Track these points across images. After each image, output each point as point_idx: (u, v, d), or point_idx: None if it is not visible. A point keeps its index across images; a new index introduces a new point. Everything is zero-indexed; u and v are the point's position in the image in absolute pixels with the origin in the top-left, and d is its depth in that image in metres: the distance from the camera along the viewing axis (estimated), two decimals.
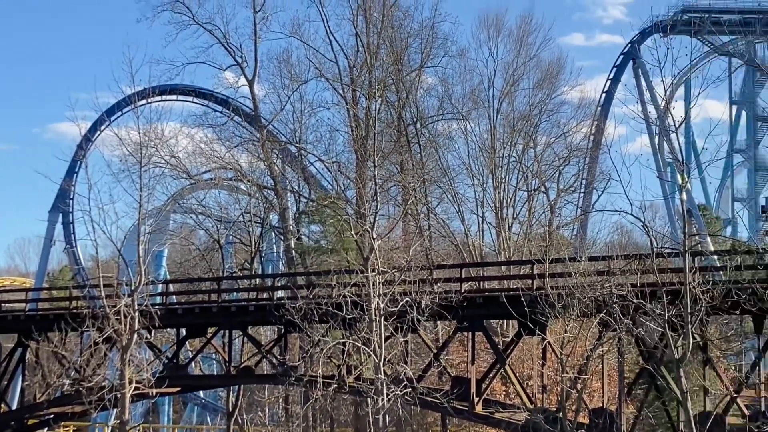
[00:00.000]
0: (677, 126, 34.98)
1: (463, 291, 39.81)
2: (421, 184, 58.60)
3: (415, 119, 61.91)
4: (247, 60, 64.28)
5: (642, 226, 34.85)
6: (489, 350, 44.28)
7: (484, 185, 60.48)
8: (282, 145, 64.61)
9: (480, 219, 60.37)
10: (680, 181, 35.41)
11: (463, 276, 41.96)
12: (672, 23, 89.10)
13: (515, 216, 61.02)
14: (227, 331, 46.55)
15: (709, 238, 69.93)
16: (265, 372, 50.92)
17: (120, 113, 76.86)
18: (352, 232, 42.61)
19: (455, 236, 60.13)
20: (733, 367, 54.38)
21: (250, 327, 48.33)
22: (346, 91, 61.33)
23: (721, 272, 36.06)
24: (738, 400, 34.78)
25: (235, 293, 49.95)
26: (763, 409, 35.46)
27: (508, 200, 60.39)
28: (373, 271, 36.60)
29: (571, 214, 67.08)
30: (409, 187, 56.21)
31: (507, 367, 40.15)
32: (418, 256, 49.08)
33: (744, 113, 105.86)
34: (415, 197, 56.72)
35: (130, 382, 40.67)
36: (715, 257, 43.44)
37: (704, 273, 34.16)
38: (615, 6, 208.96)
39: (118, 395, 40.65)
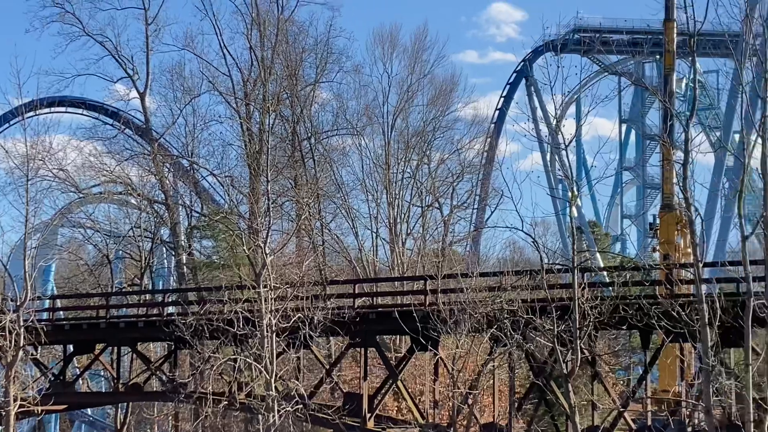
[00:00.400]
0: (567, 143, 35.44)
1: (356, 307, 39.70)
2: (315, 199, 58.41)
3: (309, 134, 61.76)
4: (138, 72, 63.49)
5: (532, 242, 35.18)
6: (382, 366, 44.21)
7: (379, 201, 60.67)
8: (174, 158, 63.83)
9: (374, 235, 60.56)
10: (570, 198, 35.79)
11: (357, 292, 41.83)
12: (564, 42, 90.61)
13: (409, 232, 61.31)
14: (116, 348, 45.73)
15: (598, 255, 71.11)
16: (155, 389, 50.08)
17: (7, 125, 75.21)
18: (245, 248, 42.22)
19: (349, 252, 60.12)
20: (621, 382, 55.29)
21: (139, 343, 47.56)
22: (240, 105, 60.88)
23: (610, 288, 36.58)
24: (625, 414, 35.26)
25: (124, 309, 49.10)
26: (649, 423, 36.00)
27: (402, 216, 60.64)
28: (265, 286, 36.24)
29: (464, 230, 67.68)
30: (303, 202, 56.00)
31: (399, 382, 40.12)
32: (311, 271, 48.88)
33: (633, 132, 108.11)
34: (309, 212, 56.51)
35: (15, 400, 39.67)
36: (605, 273, 44.04)
37: (593, 289, 34.56)
38: (508, 24, 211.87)
39: (3, 413, 39.62)
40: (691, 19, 28.45)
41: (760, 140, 27.64)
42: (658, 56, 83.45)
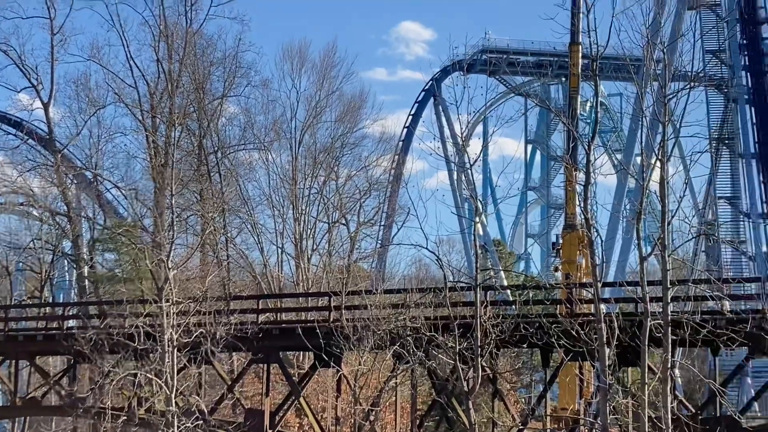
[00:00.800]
0: (472, 163, 35.74)
1: (259, 323, 39.57)
2: (220, 213, 58.02)
3: (216, 148, 61.28)
4: (42, 82, 62.45)
5: (436, 260, 35.39)
6: (285, 382, 44.05)
7: (285, 216, 60.47)
8: (77, 170, 62.90)
9: (279, 250, 60.28)
10: (475, 217, 36.11)
11: (260, 308, 41.73)
12: (472, 62, 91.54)
13: (315, 248, 61.15)
14: (14, 361, 44.85)
15: (502, 273, 71.79)
16: (53, 403, 49.22)
17: None
18: (147, 262, 41.74)
19: (254, 267, 59.76)
20: (522, 399, 55.77)
21: (38, 357, 46.72)
22: (146, 118, 60.21)
23: (513, 306, 36.94)
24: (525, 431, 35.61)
25: (23, 322, 48.17)
26: None
27: (309, 232, 60.48)
28: (167, 301, 35.89)
29: (370, 247, 67.69)
30: (208, 216, 55.57)
31: (302, 399, 40.03)
32: (215, 286, 48.49)
33: (538, 152, 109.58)
34: (214, 227, 56.09)
35: None
36: (509, 292, 44.45)
37: (495, 307, 34.88)
38: (417, 43, 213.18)
39: None
40: (594, 43, 28.93)
41: (659, 163, 28.16)
42: (563, 78, 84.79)
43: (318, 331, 36.52)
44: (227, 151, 62.25)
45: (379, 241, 71.42)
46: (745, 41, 69.35)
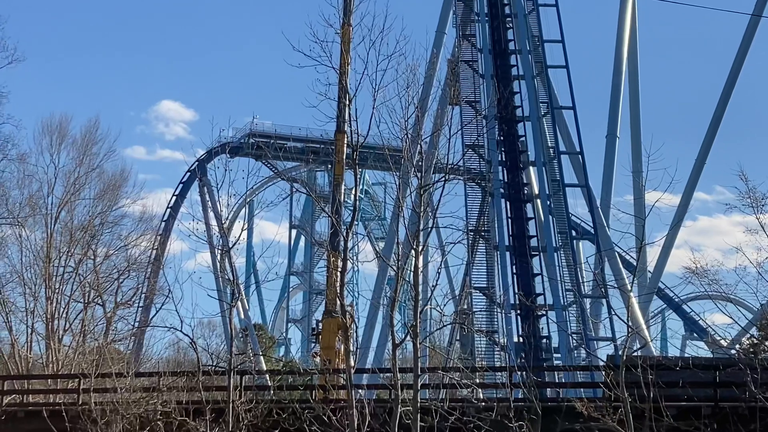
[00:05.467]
0: (231, 245, 35.70)
1: (4, 404, 38.13)
2: None
3: None
4: None
5: (190, 343, 34.88)
6: None
7: (37, 295, 58.24)
8: None
9: (29, 329, 57.94)
10: (231, 301, 35.91)
11: (6, 389, 40.17)
12: (239, 145, 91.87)
13: (68, 328, 59.07)
14: None
15: (262, 358, 71.50)
16: None
17: None
18: None
19: (1, 347, 57.30)
20: None
21: None
22: None
23: (266, 392, 36.78)
24: None
25: None
26: None
27: (62, 311, 58.44)
28: None
29: (126, 328, 65.97)
30: None
31: None
32: None
33: (303, 238, 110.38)
34: None
35: None
36: (267, 376, 44.32)
37: (250, 391, 34.61)
38: (177, 123, 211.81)
39: None
40: (354, 133, 29.45)
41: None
42: (329, 165, 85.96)
43: (65, 414, 35.42)
44: None
45: (137, 323, 69.79)
46: (502, 137, 72.28)
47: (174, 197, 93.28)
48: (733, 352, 45.28)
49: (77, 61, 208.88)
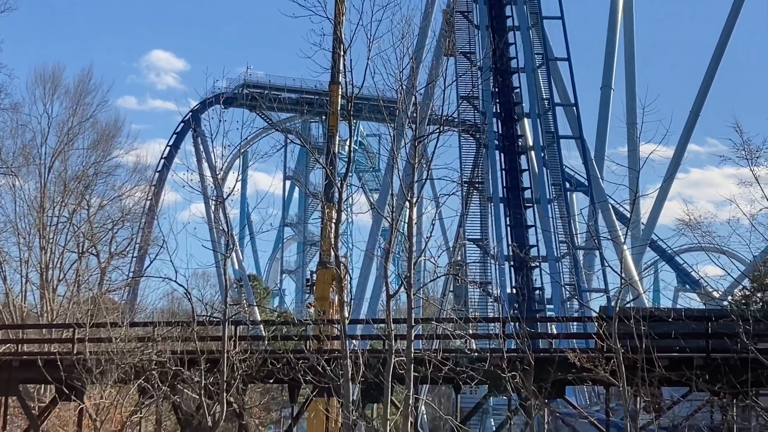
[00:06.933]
0: (226, 196, 35.68)
1: None
2: None
3: None
4: None
5: (185, 293, 35.00)
6: (23, 415, 42.46)
7: (31, 245, 58.28)
8: None
9: (23, 279, 58.03)
10: (226, 251, 35.97)
11: (0, 338, 40.23)
12: (233, 96, 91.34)
13: (62, 278, 59.16)
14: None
15: (256, 308, 71.71)
16: None
17: None
18: None
19: None
20: None
21: None
22: None
23: (261, 342, 36.91)
24: None
25: None
26: None
27: (56, 261, 58.48)
28: None
29: (120, 278, 66.09)
30: None
31: None
32: None
33: (297, 189, 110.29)
34: None
35: None
36: (261, 327, 44.47)
37: (245, 342, 34.75)
38: (169, 73, 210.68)
39: None
40: (349, 84, 29.31)
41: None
42: (324, 116, 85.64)
43: (60, 363, 35.50)
44: None
45: (132, 273, 69.91)
46: (496, 89, 72.13)
47: (168, 148, 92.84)
48: (725, 303, 45.54)
49: (68, 9, 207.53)
